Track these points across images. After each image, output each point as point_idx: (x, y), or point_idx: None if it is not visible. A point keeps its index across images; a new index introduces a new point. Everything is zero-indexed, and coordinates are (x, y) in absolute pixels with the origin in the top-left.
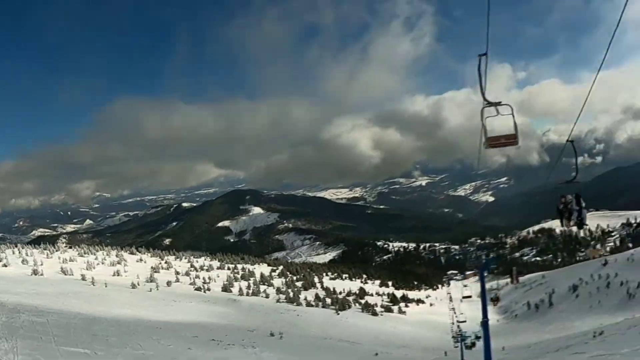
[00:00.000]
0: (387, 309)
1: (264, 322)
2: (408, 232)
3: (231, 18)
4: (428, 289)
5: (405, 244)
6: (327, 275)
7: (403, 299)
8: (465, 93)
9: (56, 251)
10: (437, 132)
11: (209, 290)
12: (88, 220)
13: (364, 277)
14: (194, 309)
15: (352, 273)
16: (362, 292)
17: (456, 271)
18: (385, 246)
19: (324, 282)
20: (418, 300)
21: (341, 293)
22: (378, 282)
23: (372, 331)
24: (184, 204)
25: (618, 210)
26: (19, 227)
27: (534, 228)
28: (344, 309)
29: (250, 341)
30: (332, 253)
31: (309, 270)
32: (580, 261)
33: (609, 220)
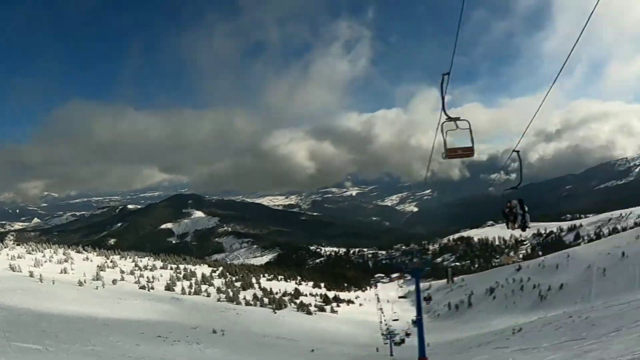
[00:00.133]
0: (320, 309)
1: (206, 320)
2: (339, 238)
3: (183, 31)
4: (357, 290)
5: (336, 249)
6: (264, 277)
7: (335, 299)
8: (395, 112)
9: (4, 248)
10: (368, 146)
11: (153, 288)
12: (36, 219)
13: (298, 278)
14: (139, 306)
15: (287, 275)
16: (297, 293)
17: (383, 274)
18: (318, 250)
19: (261, 282)
20: (348, 301)
21: (277, 293)
22: (311, 283)
23: (307, 329)
24: (130, 206)
25: (530, 221)
26: None
27: (454, 236)
28: (280, 308)
29: (194, 338)
30: (268, 256)
31: (247, 271)
32: (496, 267)
33: (521, 230)
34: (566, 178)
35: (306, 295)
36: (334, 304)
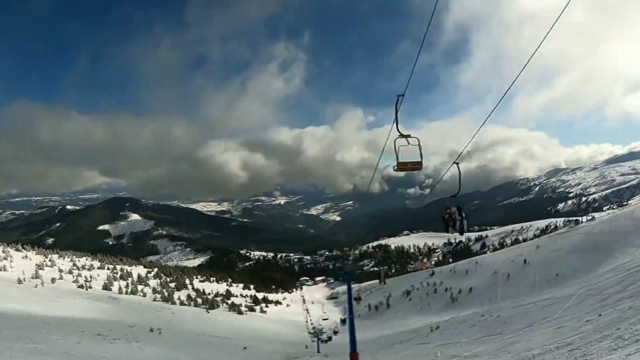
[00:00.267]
0: (250, 309)
1: (142, 319)
2: (267, 244)
3: (131, 40)
4: (284, 292)
5: (264, 253)
6: (197, 278)
7: (264, 300)
8: (323, 129)
9: None
10: (296, 159)
11: (90, 288)
12: None
13: (229, 280)
14: (77, 305)
15: (219, 277)
16: (228, 294)
17: (307, 278)
18: (248, 254)
19: (194, 284)
20: (276, 302)
21: (210, 294)
22: (241, 285)
23: (239, 328)
24: (69, 207)
25: (441, 232)
26: None
27: (373, 244)
28: (213, 308)
29: (133, 336)
30: (200, 258)
31: (181, 273)
32: (411, 272)
33: (434, 239)
34: (474, 194)
35: (237, 296)
36: (263, 305)
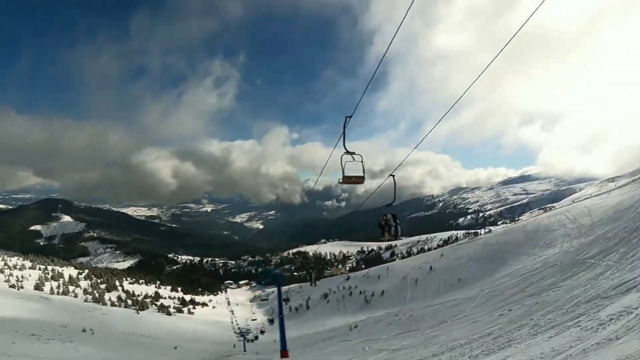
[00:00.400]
0: (178, 310)
1: (74, 319)
2: (194, 248)
3: (75, 44)
4: (210, 294)
5: (191, 258)
6: (126, 280)
7: (191, 302)
8: (251, 143)
9: None
10: (224, 170)
11: (22, 287)
12: None
13: (157, 283)
14: (9, 305)
15: (148, 279)
16: (157, 296)
17: (232, 281)
18: (175, 258)
19: (124, 285)
20: (203, 304)
21: (140, 295)
22: (169, 287)
23: (168, 328)
24: (1, 206)
25: (355, 241)
26: None
27: (293, 250)
28: (143, 309)
29: (66, 336)
30: (130, 261)
31: (111, 275)
32: (328, 277)
33: (348, 247)
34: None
35: (165, 298)
36: (190, 306)
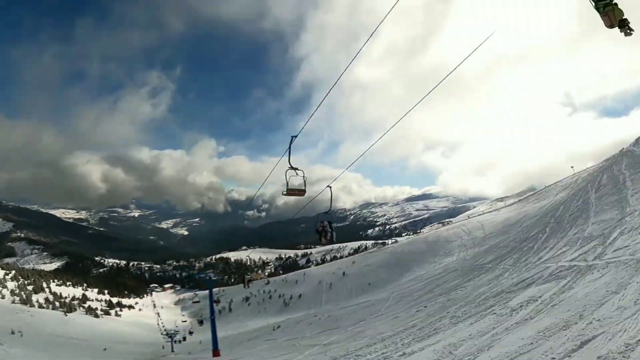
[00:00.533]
0: (106, 312)
1: (2, 320)
2: (121, 252)
3: (16, 42)
4: (136, 297)
5: (118, 261)
6: (53, 282)
7: (118, 304)
8: (180, 153)
9: None
10: (153, 177)
11: None
12: None
13: (84, 285)
14: None
15: (75, 281)
16: (85, 298)
17: (157, 285)
18: (102, 261)
19: (51, 287)
20: (130, 306)
21: (67, 297)
22: (96, 290)
23: (96, 330)
24: None
25: (274, 248)
26: None
27: (216, 256)
28: (70, 311)
29: None
30: (57, 263)
31: (38, 276)
32: (249, 282)
33: (267, 254)
34: (301, 219)
35: (93, 300)
36: (117, 309)
